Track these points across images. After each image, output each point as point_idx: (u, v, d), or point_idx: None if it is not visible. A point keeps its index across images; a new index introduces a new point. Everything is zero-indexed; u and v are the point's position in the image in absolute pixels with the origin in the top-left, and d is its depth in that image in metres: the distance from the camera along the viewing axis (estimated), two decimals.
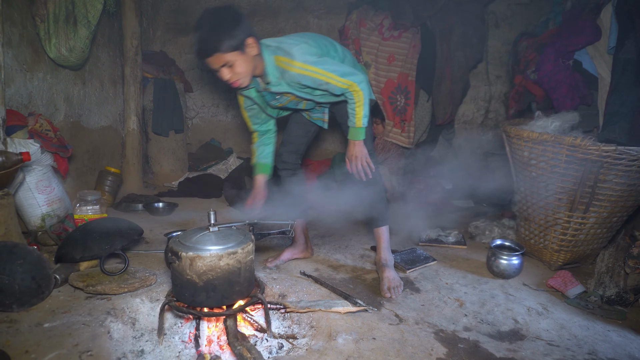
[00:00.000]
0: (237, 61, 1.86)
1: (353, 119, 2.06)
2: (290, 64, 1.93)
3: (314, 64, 1.93)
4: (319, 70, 1.94)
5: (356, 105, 2.03)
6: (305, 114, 2.38)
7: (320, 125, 2.37)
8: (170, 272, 1.61)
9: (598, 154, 2.16)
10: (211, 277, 1.50)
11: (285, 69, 1.95)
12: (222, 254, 1.50)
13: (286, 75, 1.97)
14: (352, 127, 2.09)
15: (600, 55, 3.04)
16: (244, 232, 1.67)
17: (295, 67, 1.93)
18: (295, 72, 1.94)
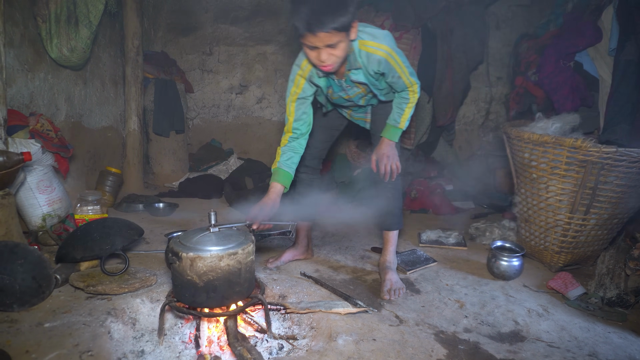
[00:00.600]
0: (341, 43, 1.70)
1: (399, 118, 2.08)
2: (378, 48, 1.86)
3: (397, 53, 1.91)
4: (399, 61, 1.93)
5: (407, 106, 2.06)
6: (347, 113, 2.34)
7: (362, 125, 2.34)
8: (171, 272, 1.61)
9: (599, 155, 2.16)
10: (211, 277, 1.50)
11: (369, 52, 1.87)
12: (223, 255, 1.50)
13: (370, 59, 1.88)
14: (394, 125, 2.11)
15: (601, 57, 3.05)
16: (244, 233, 1.67)
17: (382, 50, 1.86)
18: (380, 56, 1.87)
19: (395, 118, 2.10)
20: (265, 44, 4.80)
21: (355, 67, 1.91)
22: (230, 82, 4.90)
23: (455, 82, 3.97)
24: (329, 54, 1.72)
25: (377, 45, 1.86)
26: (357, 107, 2.26)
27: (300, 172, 2.35)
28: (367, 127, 2.34)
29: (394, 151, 2.14)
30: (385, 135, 2.13)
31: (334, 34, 1.65)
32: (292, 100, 2.03)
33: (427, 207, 3.73)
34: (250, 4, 4.71)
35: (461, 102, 4.35)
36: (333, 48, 1.70)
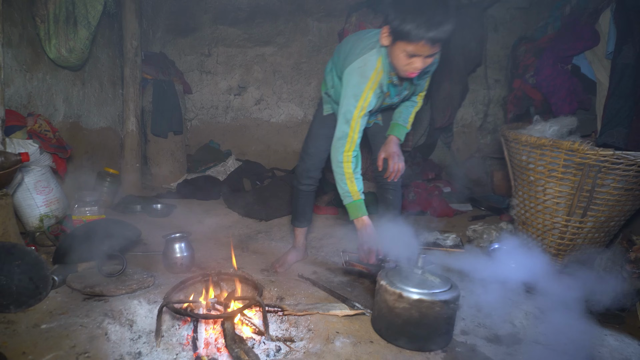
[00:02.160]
0: (435, 55, 1.75)
1: (407, 119, 2.22)
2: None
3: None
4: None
5: (414, 109, 2.23)
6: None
7: (375, 122, 2.34)
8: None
9: (596, 158, 2.17)
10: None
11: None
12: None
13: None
14: (403, 126, 2.22)
15: (599, 60, 3.06)
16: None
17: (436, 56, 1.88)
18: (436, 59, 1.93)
19: (405, 119, 2.21)
20: (264, 46, 4.80)
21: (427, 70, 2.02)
22: (229, 83, 4.91)
23: (454, 84, 3.99)
24: (426, 62, 1.74)
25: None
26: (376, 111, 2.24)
27: (302, 184, 2.38)
28: (381, 124, 2.33)
29: (400, 150, 2.22)
30: (395, 133, 2.22)
31: (440, 46, 1.69)
32: (359, 116, 1.87)
33: (425, 209, 3.73)
34: (249, 6, 4.72)
35: (459, 104, 4.36)
36: (430, 57, 1.73)
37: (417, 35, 1.62)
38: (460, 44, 3.92)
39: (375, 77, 1.85)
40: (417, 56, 1.70)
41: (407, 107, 2.22)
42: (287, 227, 3.16)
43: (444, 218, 3.64)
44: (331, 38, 4.67)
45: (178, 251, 2.29)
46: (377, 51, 1.83)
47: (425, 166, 4.37)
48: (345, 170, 1.90)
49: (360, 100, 1.85)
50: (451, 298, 1.62)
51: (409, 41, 1.65)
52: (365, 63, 1.84)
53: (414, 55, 1.70)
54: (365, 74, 1.84)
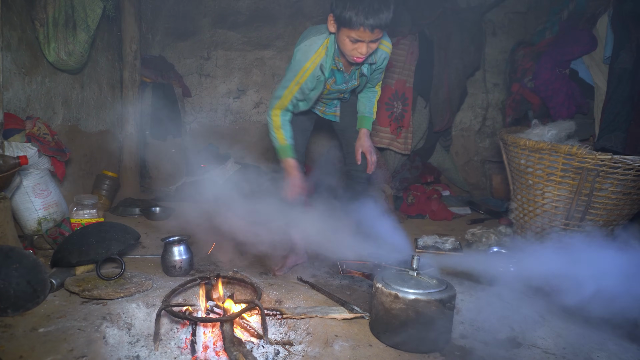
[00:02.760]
0: (380, 40, 1.91)
1: (372, 110, 2.32)
2: (386, 45, 2.08)
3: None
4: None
5: (376, 98, 2.34)
6: (320, 111, 2.43)
7: (333, 120, 2.45)
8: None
9: (594, 162, 2.18)
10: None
11: (380, 49, 2.06)
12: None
13: (378, 55, 2.07)
14: (369, 116, 2.32)
15: (596, 65, 3.08)
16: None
17: (387, 47, 2.09)
18: (386, 53, 2.10)
19: (370, 110, 2.32)
20: (263, 49, 4.81)
21: (371, 62, 2.08)
22: (228, 86, 4.91)
23: (452, 88, 4.00)
24: (369, 48, 1.88)
25: (386, 43, 2.08)
26: (331, 103, 2.39)
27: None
28: (338, 121, 2.46)
29: (371, 142, 2.35)
30: (365, 126, 2.32)
31: (381, 33, 1.84)
32: (294, 89, 2.10)
33: (424, 213, 3.74)
34: (248, 9, 4.73)
35: (458, 108, 4.37)
36: (374, 43, 1.88)
37: (357, 22, 1.77)
38: (459, 48, 3.93)
39: (316, 58, 2.03)
40: (361, 42, 1.85)
41: (370, 98, 2.33)
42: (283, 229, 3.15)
43: (442, 221, 3.64)
44: None
45: (177, 254, 2.29)
46: (325, 36, 2.01)
47: (424, 170, 4.38)
48: (273, 120, 2.19)
49: (297, 75, 2.06)
50: (447, 297, 1.62)
51: (350, 28, 1.81)
52: (310, 44, 2.03)
53: (357, 41, 1.85)
54: (307, 54, 2.03)
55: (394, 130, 3.98)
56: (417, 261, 1.77)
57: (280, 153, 2.22)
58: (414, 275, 1.75)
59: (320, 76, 2.07)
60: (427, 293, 1.62)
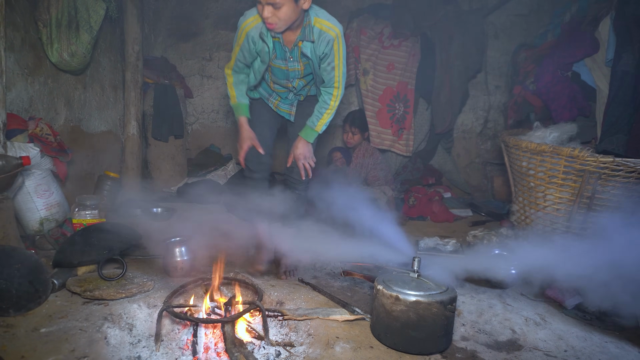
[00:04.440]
0: (286, 6, 1.87)
1: (316, 121, 2.24)
2: (331, 28, 2.03)
3: (343, 44, 2.08)
4: (341, 52, 2.09)
5: (327, 111, 2.23)
6: (273, 104, 2.41)
7: (287, 117, 2.44)
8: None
9: (596, 165, 2.18)
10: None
11: (322, 30, 2.02)
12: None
13: (321, 37, 2.03)
14: (311, 128, 2.26)
15: (599, 67, 3.07)
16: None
17: (333, 31, 2.03)
18: (330, 36, 2.03)
19: (314, 121, 2.26)
20: None
21: (308, 39, 2.04)
22: None
23: (454, 90, 4.00)
24: (272, 13, 1.87)
25: (330, 25, 2.03)
26: (285, 96, 2.37)
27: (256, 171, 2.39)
28: (292, 120, 2.45)
29: (309, 150, 2.33)
30: (303, 135, 2.29)
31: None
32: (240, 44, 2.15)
33: (425, 215, 3.74)
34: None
35: (459, 110, 4.38)
36: (276, 9, 1.86)
37: None
38: (460, 50, 3.94)
39: (251, 22, 2.07)
40: (260, 4, 1.88)
41: (320, 108, 2.26)
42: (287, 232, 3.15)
43: (444, 223, 3.64)
44: None
45: (178, 255, 2.29)
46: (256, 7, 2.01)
47: (425, 171, 4.38)
48: (226, 76, 2.30)
49: (235, 44, 2.17)
50: (448, 299, 1.62)
51: None
52: (249, 10, 2.09)
53: (258, 3, 1.88)
54: (244, 18, 2.10)
55: (396, 132, 3.98)
56: (418, 263, 1.77)
57: (234, 110, 2.30)
58: (415, 277, 1.75)
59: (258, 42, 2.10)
60: (428, 295, 1.62)
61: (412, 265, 1.78)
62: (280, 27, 1.95)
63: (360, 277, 2.33)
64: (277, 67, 2.21)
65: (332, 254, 2.75)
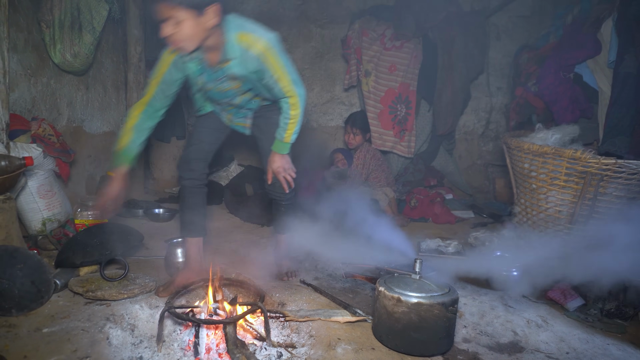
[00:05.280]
0: (186, 21, 1.65)
1: (283, 133, 2.04)
2: (255, 43, 1.79)
3: (277, 53, 1.83)
4: (278, 63, 1.85)
5: (290, 121, 2.01)
6: (226, 118, 2.24)
7: (241, 131, 2.28)
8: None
9: (598, 167, 2.17)
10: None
11: (247, 47, 1.80)
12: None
13: (247, 55, 1.81)
14: (279, 140, 2.07)
15: (601, 69, 3.07)
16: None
17: (259, 45, 1.79)
18: (257, 52, 1.79)
19: (281, 133, 2.05)
20: None
21: (228, 58, 1.83)
22: None
23: (456, 91, 4.00)
24: (173, 30, 1.66)
25: (254, 40, 1.80)
26: (236, 111, 2.19)
27: (185, 178, 2.17)
28: (247, 133, 2.29)
29: (287, 162, 2.14)
30: (275, 149, 2.11)
31: (172, 9, 1.62)
32: (159, 75, 1.94)
33: (427, 216, 3.73)
34: (252, 12, 4.74)
35: (461, 111, 4.37)
36: (177, 25, 1.65)
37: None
38: (462, 51, 3.93)
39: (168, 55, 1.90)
40: (159, 20, 1.67)
41: (283, 120, 2.03)
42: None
43: (445, 225, 3.64)
44: (334, 45, 4.69)
45: (180, 256, 2.30)
46: None
47: (427, 173, 4.38)
48: (128, 122, 2.00)
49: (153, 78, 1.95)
50: (449, 301, 1.62)
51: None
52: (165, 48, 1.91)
53: (159, 20, 1.68)
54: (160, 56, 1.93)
55: (398, 133, 3.98)
56: (420, 265, 1.77)
57: (116, 157, 2.00)
58: (416, 278, 1.75)
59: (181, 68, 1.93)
60: (429, 297, 1.62)
61: (414, 266, 1.78)
62: (186, 46, 1.73)
63: (361, 279, 2.33)
64: (210, 89, 2.03)
65: (333, 256, 2.76)
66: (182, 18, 1.64)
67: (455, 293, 1.68)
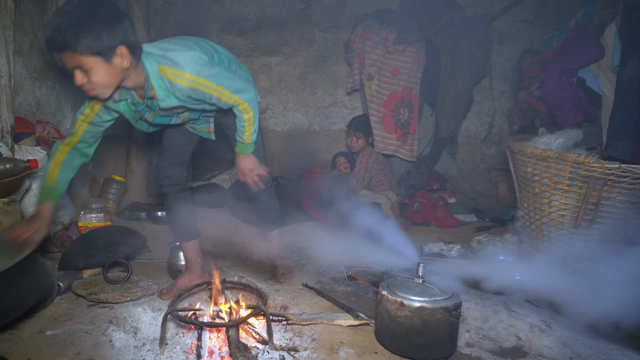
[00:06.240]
0: (95, 69, 1.52)
1: (242, 135, 2.00)
2: (179, 76, 1.67)
3: (207, 77, 1.72)
4: (212, 85, 1.74)
5: (246, 124, 1.95)
6: (188, 126, 2.17)
7: (207, 137, 2.24)
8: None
9: (601, 171, 2.17)
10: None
11: (172, 80, 1.67)
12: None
13: (174, 87, 1.69)
14: (240, 142, 2.04)
15: (604, 73, 3.07)
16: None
17: (184, 79, 1.67)
18: (184, 86, 1.68)
19: (240, 135, 2.01)
20: (270, 55, 4.84)
21: (153, 95, 1.71)
22: None
23: (458, 95, 4.00)
24: (85, 78, 1.54)
25: (177, 73, 1.67)
26: (195, 121, 2.11)
27: (164, 185, 2.14)
28: (213, 138, 2.24)
29: (253, 161, 2.09)
30: (238, 150, 2.08)
31: (76, 57, 1.48)
32: (84, 121, 1.82)
33: (430, 220, 3.73)
34: (255, 16, 4.77)
35: (464, 115, 4.37)
36: (86, 72, 1.53)
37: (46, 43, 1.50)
38: (465, 55, 3.94)
39: (90, 111, 1.81)
40: (68, 69, 1.55)
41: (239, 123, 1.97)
42: (289, 235, 3.16)
43: (448, 229, 3.63)
44: (337, 48, 4.70)
45: (182, 259, 2.30)
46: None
47: (429, 177, 4.38)
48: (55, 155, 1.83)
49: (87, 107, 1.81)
50: (452, 305, 1.62)
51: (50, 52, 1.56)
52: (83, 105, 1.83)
53: (68, 69, 1.55)
54: (78, 114, 1.83)
55: (400, 137, 3.99)
56: (423, 268, 1.77)
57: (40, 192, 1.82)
58: (419, 282, 1.75)
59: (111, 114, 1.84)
60: (432, 301, 1.62)
61: (417, 270, 1.78)
62: (102, 92, 1.61)
63: (364, 282, 2.33)
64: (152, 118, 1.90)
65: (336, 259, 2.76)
66: (89, 66, 1.51)
67: (458, 297, 1.68)
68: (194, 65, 1.69)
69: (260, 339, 1.76)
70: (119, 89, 1.71)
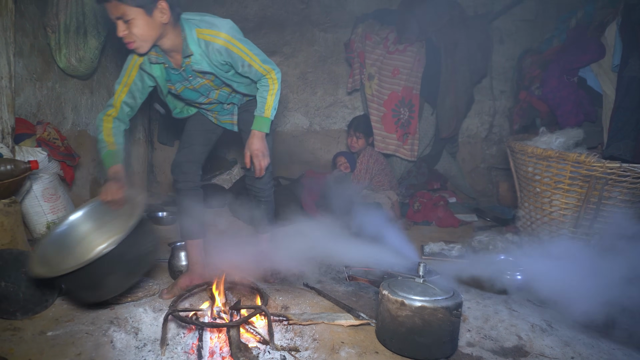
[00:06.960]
0: (136, 19, 1.67)
1: (262, 107, 1.99)
2: (216, 36, 1.81)
3: (240, 41, 1.86)
4: (244, 49, 1.87)
5: (269, 92, 1.98)
6: (212, 117, 2.23)
7: (230, 128, 2.26)
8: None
9: (602, 170, 2.17)
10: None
11: (209, 41, 1.80)
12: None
13: (210, 49, 1.81)
14: (259, 115, 2.01)
15: (605, 73, 3.07)
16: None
17: (220, 38, 1.80)
18: (220, 45, 1.81)
19: (260, 107, 2.01)
20: (270, 55, 4.71)
21: (190, 53, 1.82)
22: None
23: (459, 94, 4.00)
24: (126, 29, 1.69)
25: (214, 33, 1.81)
26: (220, 109, 2.17)
27: (179, 181, 2.19)
28: (235, 129, 2.27)
29: (265, 146, 2.06)
30: (255, 127, 2.02)
31: (120, 6, 1.64)
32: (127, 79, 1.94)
33: (430, 220, 3.73)
34: (256, 16, 4.77)
35: (465, 114, 4.37)
36: (127, 23, 1.67)
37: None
38: (465, 55, 3.94)
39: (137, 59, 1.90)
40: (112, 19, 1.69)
41: (260, 95, 2.02)
42: (289, 236, 3.15)
43: (449, 228, 3.63)
44: (337, 48, 4.70)
45: (184, 259, 2.30)
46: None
47: (430, 176, 4.37)
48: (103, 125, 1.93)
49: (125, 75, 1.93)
50: (453, 305, 1.62)
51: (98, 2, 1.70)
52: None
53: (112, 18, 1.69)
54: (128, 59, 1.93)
55: (401, 136, 3.98)
56: (424, 268, 1.77)
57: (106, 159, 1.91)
58: (420, 282, 1.75)
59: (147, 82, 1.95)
60: (433, 300, 1.62)
61: (418, 270, 1.78)
62: (141, 46, 1.74)
63: (365, 282, 2.33)
64: (182, 90, 2.01)
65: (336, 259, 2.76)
66: (132, 16, 1.66)
67: (459, 297, 1.68)
68: (229, 28, 1.84)
69: (261, 339, 1.76)
70: (155, 51, 1.83)
